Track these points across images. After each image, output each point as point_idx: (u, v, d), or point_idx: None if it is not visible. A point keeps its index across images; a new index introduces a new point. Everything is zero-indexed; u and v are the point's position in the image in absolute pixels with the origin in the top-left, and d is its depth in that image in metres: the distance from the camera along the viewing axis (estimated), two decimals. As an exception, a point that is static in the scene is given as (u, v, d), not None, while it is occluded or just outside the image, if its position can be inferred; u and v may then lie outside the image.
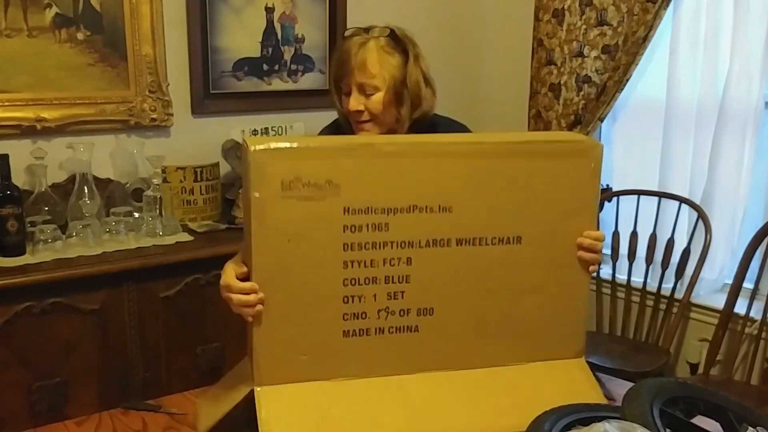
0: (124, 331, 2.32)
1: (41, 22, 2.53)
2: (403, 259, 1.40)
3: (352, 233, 1.37)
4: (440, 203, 1.41)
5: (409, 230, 1.40)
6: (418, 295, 1.43)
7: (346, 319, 1.40)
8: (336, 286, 1.38)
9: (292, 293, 1.37)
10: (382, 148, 1.41)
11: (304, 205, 1.33)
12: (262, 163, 1.30)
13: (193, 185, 2.67)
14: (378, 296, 1.40)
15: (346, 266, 1.37)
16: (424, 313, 1.44)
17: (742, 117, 2.76)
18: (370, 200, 1.37)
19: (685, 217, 2.93)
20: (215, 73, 2.91)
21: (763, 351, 2.70)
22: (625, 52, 2.93)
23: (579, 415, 1.30)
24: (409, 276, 1.41)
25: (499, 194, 1.45)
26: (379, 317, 1.41)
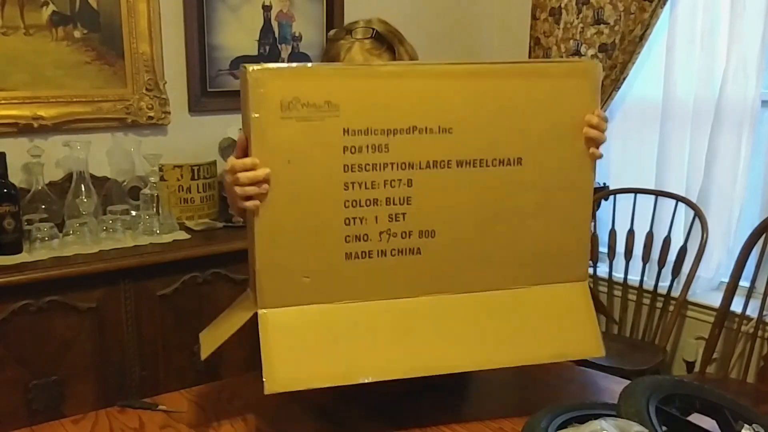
0: (121, 329, 2.32)
1: (38, 20, 2.53)
2: (404, 180, 1.40)
3: (352, 154, 1.36)
4: (440, 124, 1.40)
5: (409, 151, 1.39)
6: (419, 217, 1.42)
7: (348, 241, 1.39)
8: (337, 208, 1.38)
9: (293, 215, 1.36)
10: (380, 68, 1.42)
11: (303, 126, 1.33)
12: (261, 83, 1.30)
13: (190, 183, 2.67)
14: (379, 218, 1.40)
15: (346, 188, 1.37)
16: (426, 236, 1.43)
17: (739, 115, 2.76)
18: (370, 121, 1.36)
19: (682, 215, 2.94)
20: (212, 71, 2.91)
21: (760, 349, 2.71)
22: (621, 51, 2.94)
23: (575, 412, 1.31)
24: (410, 198, 1.41)
25: (499, 115, 1.44)
26: (381, 239, 1.41)
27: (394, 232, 1.41)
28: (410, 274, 1.44)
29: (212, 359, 2.44)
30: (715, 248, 2.92)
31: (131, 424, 1.49)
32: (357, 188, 1.38)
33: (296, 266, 1.38)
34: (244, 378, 1.66)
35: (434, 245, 1.44)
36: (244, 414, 1.52)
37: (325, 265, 1.39)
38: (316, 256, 1.39)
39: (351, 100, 1.35)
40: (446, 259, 1.45)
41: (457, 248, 1.46)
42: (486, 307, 1.48)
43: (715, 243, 2.89)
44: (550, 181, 1.48)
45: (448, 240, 1.44)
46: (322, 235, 1.38)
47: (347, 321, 1.41)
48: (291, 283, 1.38)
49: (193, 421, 1.50)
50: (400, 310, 1.43)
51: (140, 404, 1.57)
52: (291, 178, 1.35)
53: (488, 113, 1.43)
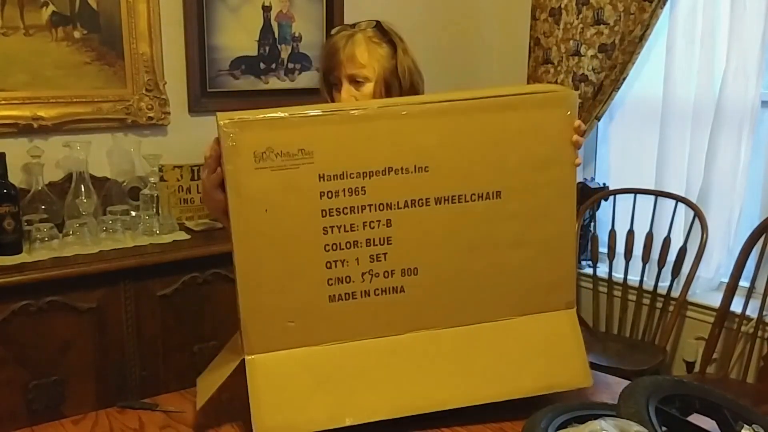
0: (121, 329, 2.31)
1: (38, 20, 2.53)
2: (383, 221, 1.41)
3: (329, 199, 1.37)
4: (416, 163, 1.40)
5: (386, 192, 1.40)
6: (401, 255, 1.43)
7: (330, 284, 1.40)
8: (317, 252, 1.39)
9: (274, 262, 1.37)
10: (352, 113, 1.41)
11: (278, 175, 1.34)
12: (232, 136, 1.33)
13: (190, 184, 2.67)
14: (360, 259, 1.41)
15: (326, 232, 1.38)
16: (408, 273, 1.44)
17: (739, 115, 2.76)
18: (345, 165, 1.37)
19: (682, 215, 2.94)
20: (212, 72, 2.91)
21: (759, 349, 2.71)
22: (621, 51, 2.94)
23: (575, 413, 1.31)
24: (390, 237, 1.41)
25: (475, 150, 1.44)
26: (363, 280, 1.42)
27: (377, 272, 1.42)
28: (395, 312, 1.45)
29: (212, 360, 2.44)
30: (715, 248, 2.92)
31: (131, 425, 1.49)
32: (336, 231, 1.39)
33: (280, 311, 1.39)
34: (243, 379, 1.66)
35: (417, 282, 1.44)
36: (244, 415, 1.52)
37: (309, 308, 1.41)
38: (300, 300, 1.40)
39: (325, 146, 1.36)
40: (430, 295, 1.46)
41: (440, 284, 1.46)
42: (472, 341, 1.48)
43: (714, 243, 2.89)
44: (531, 211, 1.48)
45: (431, 276, 1.45)
46: (304, 280, 1.39)
47: (334, 362, 1.42)
48: (276, 327, 1.39)
49: (193, 421, 1.50)
50: (386, 349, 1.44)
51: (140, 405, 1.57)
52: (269, 225, 1.36)
53: (464, 149, 1.43)
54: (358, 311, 1.43)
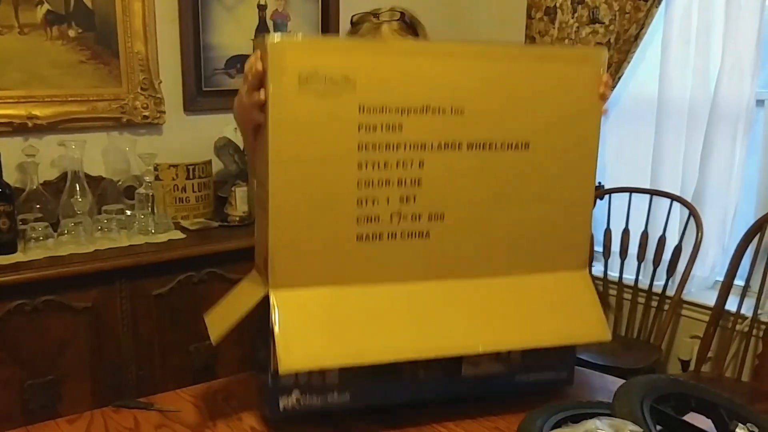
0: (117, 329, 2.31)
1: (33, 18, 2.53)
2: (416, 161, 1.40)
3: (366, 133, 1.36)
4: (452, 105, 1.40)
5: (422, 132, 1.39)
6: (429, 199, 1.42)
7: (359, 222, 1.39)
8: (350, 188, 1.37)
9: (307, 192, 1.35)
10: (395, 45, 1.43)
11: (320, 101, 1.32)
12: (281, 55, 1.29)
13: (185, 183, 2.67)
14: (391, 200, 1.40)
15: (360, 167, 1.36)
16: (435, 218, 1.43)
17: (734, 114, 2.77)
18: (385, 99, 1.36)
19: (677, 214, 2.94)
20: (208, 71, 2.91)
21: (754, 348, 2.72)
22: (617, 50, 2.94)
23: (570, 412, 1.31)
24: (420, 179, 1.40)
25: (509, 98, 1.44)
26: (391, 221, 1.40)
27: (405, 214, 1.41)
28: (419, 257, 1.44)
29: (208, 359, 2.45)
30: (710, 247, 2.92)
31: (126, 424, 1.49)
32: (370, 168, 1.37)
33: (309, 246, 1.37)
34: (239, 378, 1.66)
35: (443, 229, 1.44)
36: (240, 413, 1.52)
37: (337, 245, 1.39)
38: (329, 236, 1.38)
39: (367, 76, 1.34)
40: (454, 244, 1.46)
41: (464, 232, 1.46)
42: (494, 293, 1.48)
43: (710, 242, 2.89)
44: (555, 166, 1.48)
45: (456, 224, 1.44)
46: (335, 215, 1.38)
47: (358, 303, 1.41)
48: (303, 263, 1.37)
49: (188, 420, 1.50)
50: (410, 294, 1.44)
51: (135, 404, 1.56)
52: (306, 153, 1.34)
53: (499, 95, 1.43)
54: (384, 253, 1.41)
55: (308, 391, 1.46)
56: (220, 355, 2.47)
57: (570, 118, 1.48)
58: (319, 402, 1.46)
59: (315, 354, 1.37)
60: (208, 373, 2.30)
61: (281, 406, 1.44)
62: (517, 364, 1.56)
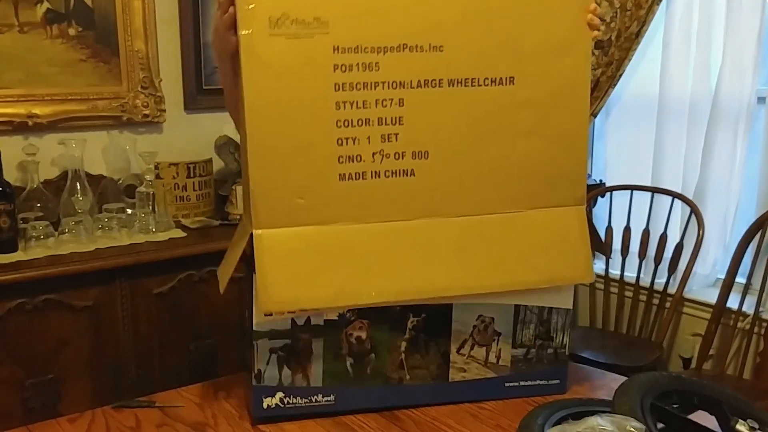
0: (117, 327, 2.31)
1: (32, 17, 2.52)
2: (395, 100, 1.39)
3: (342, 72, 1.35)
4: (431, 42, 1.39)
5: (400, 70, 1.38)
6: (412, 137, 1.41)
7: (341, 161, 1.38)
8: (329, 128, 1.37)
9: (285, 134, 1.35)
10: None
11: (292, 44, 1.32)
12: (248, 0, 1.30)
13: (186, 181, 2.66)
14: (372, 138, 1.39)
15: (338, 107, 1.36)
16: (419, 157, 1.42)
17: (735, 112, 2.77)
18: (360, 38, 1.35)
19: (678, 212, 2.94)
20: (208, 69, 2.91)
21: (756, 346, 2.72)
22: (618, 48, 2.94)
23: (571, 409, 1.31)
24: (401, 118, 1.40)
25: (491, 32, 1.42)
26: (374, 160, 1.40)
27: (387, 153, 1.40)
28: (404, 196, 1.43)
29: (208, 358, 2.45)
30: (712, 245, 2.92)
31: (128, 423, 1.49)
32: (348, 107, 1.37)
33: (290, 186, 1.37)
34: (240, 376, 1.66)
35: (428, 167, 1.42)
36: (241, 412, 1.52)
37: (319, 185, 1.38)
38: (310, 176, 1.38)
39: (340, 17, 1.34)
40: (440, 182, 1.44)
41: (450, 170, 1.44)
42: (479, 232, 1.47)
43: (711, 239, 2.89)
44: (544, 99, 1.46)
45: (442, 161, 1.43)
46: (315, 155, 1.37)
47: (342, 243, 1.40)
48: (285, 203, 1.37)
49: (189, 419, 1.50)
50: (394, 234, 1.43)
51: (137, 404, 1.56)
52: (282, 96, 1.34)
53: (479, 30, 1.41)
54: (368, 192, 1.41)
55: (292, 392, 1.46)
56: (220, 354, 2.47)
57: (557, 49, 1.46)
58: (303, 403, 1.47)
59: (297, 295, 1.38)
60: (208, 371, 2.30)
61: (265, 405, 1.45)
62: (506, 371, 1.56)
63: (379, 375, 1.50)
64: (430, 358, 1.52)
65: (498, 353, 1.55)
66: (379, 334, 1.49)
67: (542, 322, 1.56)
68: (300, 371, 1.46)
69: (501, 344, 1.55)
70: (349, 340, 1.48)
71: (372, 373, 1.50)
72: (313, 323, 1.45)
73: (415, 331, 1.50)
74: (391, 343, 1.50)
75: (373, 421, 1.48)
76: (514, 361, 1.56)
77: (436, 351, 1.52)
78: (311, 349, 1.46)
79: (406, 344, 1.51)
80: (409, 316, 1.49)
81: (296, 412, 1.47)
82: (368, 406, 1.50)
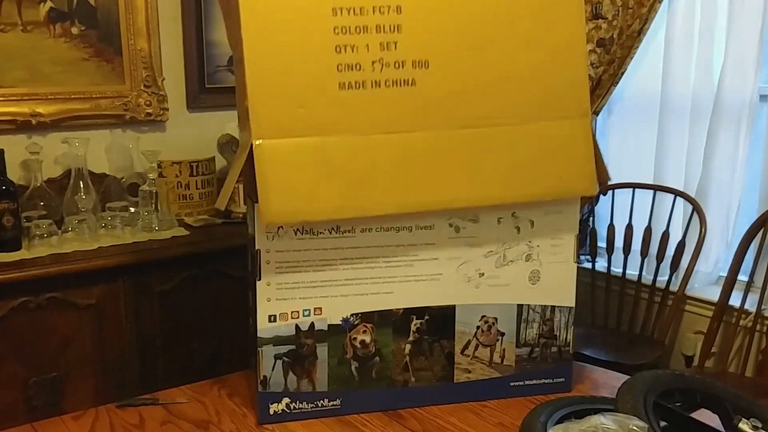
0: (121, 325, 2.32)
1: (36, 16, 2.53)
2: (393, 6, 1.38)
3: None
4: None
5: None
6: (411, 46, 1.40)
7: (340, 70, 1.37)
8: (326, 35, 1.36)
9: (283, 42, 1.34)
10: None
11: None
12: None
13: (189, 180, 2.67)
14: (371, 46, 1.38)
15: (335, 13, 1.35)
16: (419, 66, 1.41)
17: (737, 110, 2.77)
18: None
19: (680, 210, 2.94)
20: (210, 68, 2.91)
21: (758, 343, 2.72)
22: (620, 46, 2.94)
23: (574, 407, 1.31)
24: (400, 26, 1.38)
25: None
26: (374, 69, 1.38)
27: (387, 61, 1.39)
28: (406, 107, 1.41)
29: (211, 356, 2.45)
30: (714, 242, 2.92)
31: (131, 421, 1.50)
32: (345, 13, 1.36)
33: (289, 95, 1.35)
34: (243, 374, 1.66)
35: (429, 76, 1.41)
36: (244, 410, 1.53)
37: (318, 94, 1.37)
38: (309, 84, 1.36)
39: None
40: (441, 92, 1.43)
41: (451, 80, 1.43)
42: (484, 143, 1.46)
43: (713, 237, 2.89)
44: (542, 11, 1.45)
45: (443, 71, 1.42)
46: (313, 63, 1.35)
47: (344, 155, 1.39)
48: (285, 112, 1.35)
49: (193, 416, 1.51)
50: (397, 146, 1.42)
51: (141, 402, 1.57)
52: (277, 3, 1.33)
53: None
54: (369, 102, 1.39)
55: (298, 398, 1.47)
56: (223, 352, 2.48)
57: None
58: (309, 408, 1.47)
59: (298, 207, 1.36)
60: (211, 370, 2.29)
61: (271, 411, 1.46)
62: (511, 371, 1.56)
63: (384, 378, 1.50)
64: (435, 360, 1.53)
65: (502, 353, 1.55)
66: (383, 338, 1.49)
67: (545, 320, 1.57)
68: (305, 376, 1.46)
69: (505, 344, 1.55)
70: (353, 344, 1.48)
71: (377, 376, 1.50)
72: (317, 328, 1.45)
73: (419, 334, 1.50)
74: (395, 346, 1.50)
75: (377, 419, 1.48)
76: (518, 360, 1.56)
77: (441, 353, 1.53)
78: (316, 354, 1.46)
79: (410, 347, 1.51)
80: (413, 318, 1.49)
81: (302, 417, 1.47)
82: (374, 409, 1.50)
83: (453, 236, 1.50)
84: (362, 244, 1.45)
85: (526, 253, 1.54)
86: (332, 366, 1.48)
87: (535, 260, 1.55)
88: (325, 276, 1.45)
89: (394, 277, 1.48)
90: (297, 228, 1.41)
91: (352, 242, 1.45)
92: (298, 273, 1.43)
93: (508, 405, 1.53)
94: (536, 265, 1.55)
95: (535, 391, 1.57)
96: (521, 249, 1.53)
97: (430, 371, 1.52)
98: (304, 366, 1.46)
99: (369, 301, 1.47)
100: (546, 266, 1.55)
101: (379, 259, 1.47)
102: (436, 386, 1.53)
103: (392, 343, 1.50)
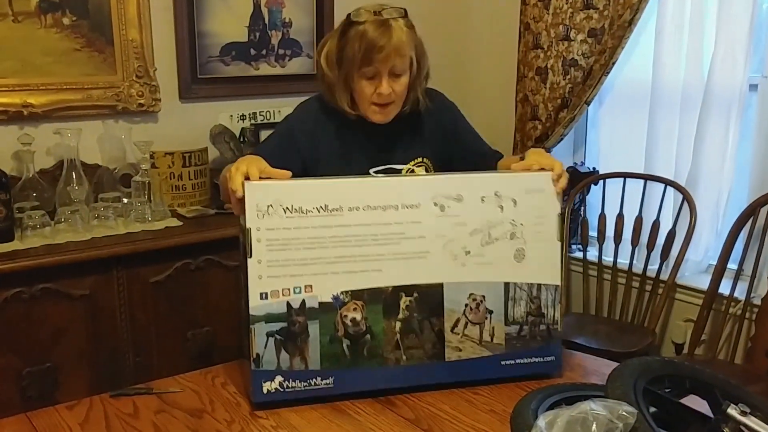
0: (114, 316, 2.32)
1: (26, 6, 2.52)
2: None
3: None
4: None
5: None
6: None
7: None
8: None
9: None
10: None
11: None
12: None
13: (181, 170, 2.67)
14: None
15: None
16: None
17: (727, 100, 2.78)
18: None
19: (671, 199, 2.95)
20: (202, 58, 2.91)
21: (747, 331, 2.74)
22: (611, 36, 2.94)
23: (565, 394, 1.33)
24: None
25: None
26: None
27: None
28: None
29: (205, 345, 2.46)
30: (704, 231, 2.94)
31: (125, 410, 1.50)
32: None
33: None
34: (237, 363, 1.67)
35: None
36: (238, 398, 1.54)
37: None
38: None
39: None
40: None
41: None
42: None
43: (703, 226, 2.91)
44: None
45: None
46: None
47: None
48: None
49: (187, 405, 1.52)
50: None
51: (135, 391, 1.58)
52: None
53: None
54: None
55: (291, 376, 1.48)
56: (217, 342, 2.48)
57: None
58: (302, 386, 1.48)
59: None
60: (205, 359, 2.31)
61: (265, 390, 1.47)
62: (501, 349, 1.58)
63: (375, 356, 1.52)
64: (425, 338, 1.55)
65: (492, 331, 1.57)
66: (373, 315, 1.51)
67: (532, 298, 1.59)
68: (298, 354, 1.48)
69: (494, 322, 1.58)
70: (344, 321, 1.50)
71: (369, 354, 1.52)
72: (308, 306, 1.48)
73: (408, 311, 1.53)
74: (386, 324, 1.52)
75: (369, 407, 1.50)
76: (508, 338, 1.58)
77: (431, 331, 1.55)
78: (308, 332, 1.48)
79: (400, 324, 1.53)
80: (402, 296, 1.52)
81: (295, 396, 1.49)
82: (366, 388, 1.52)
83: (439, 215, 1.53)
84: (350, 222, 1.49)
85: (511, 232, 1.57)
86: (324, 344, 1.50)
87: (519, 239, 1.57)
88: (314, 254, 1.48)
89: (382, 255, 1.51)
90: (286, 206, 1.44)
91: (340, 221, 1.48)
92: (288, 251, 1.46)
93: (499, 392, 1.55)
94: (521, 244, 1.57)
95: (525, 370, 1.59)
96: (505, 228, 1.57)
97: (421, 349, 1.54)
98: (297, 343, 1.48)
99: (358, 279, 1.50)
100: (531, 245, 1.58)
101: (367, 237, 1.50)
102: (428, 365, 1.55)
103: (383, 321, 1.52)
